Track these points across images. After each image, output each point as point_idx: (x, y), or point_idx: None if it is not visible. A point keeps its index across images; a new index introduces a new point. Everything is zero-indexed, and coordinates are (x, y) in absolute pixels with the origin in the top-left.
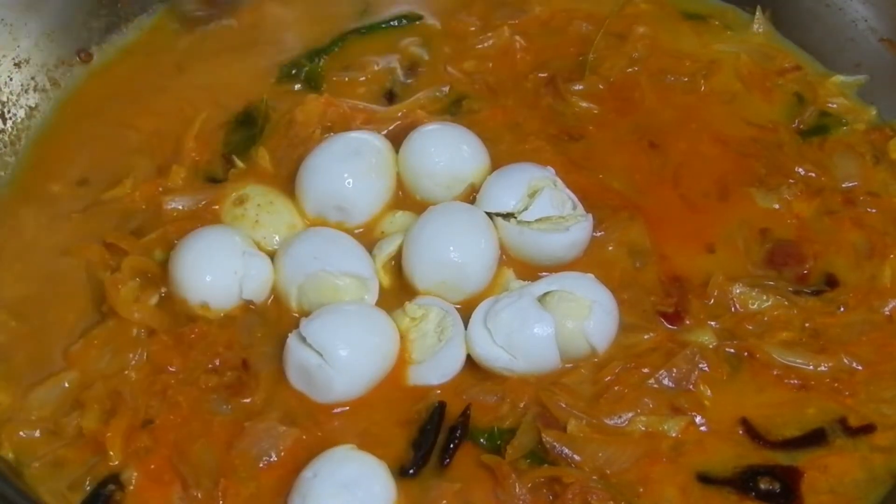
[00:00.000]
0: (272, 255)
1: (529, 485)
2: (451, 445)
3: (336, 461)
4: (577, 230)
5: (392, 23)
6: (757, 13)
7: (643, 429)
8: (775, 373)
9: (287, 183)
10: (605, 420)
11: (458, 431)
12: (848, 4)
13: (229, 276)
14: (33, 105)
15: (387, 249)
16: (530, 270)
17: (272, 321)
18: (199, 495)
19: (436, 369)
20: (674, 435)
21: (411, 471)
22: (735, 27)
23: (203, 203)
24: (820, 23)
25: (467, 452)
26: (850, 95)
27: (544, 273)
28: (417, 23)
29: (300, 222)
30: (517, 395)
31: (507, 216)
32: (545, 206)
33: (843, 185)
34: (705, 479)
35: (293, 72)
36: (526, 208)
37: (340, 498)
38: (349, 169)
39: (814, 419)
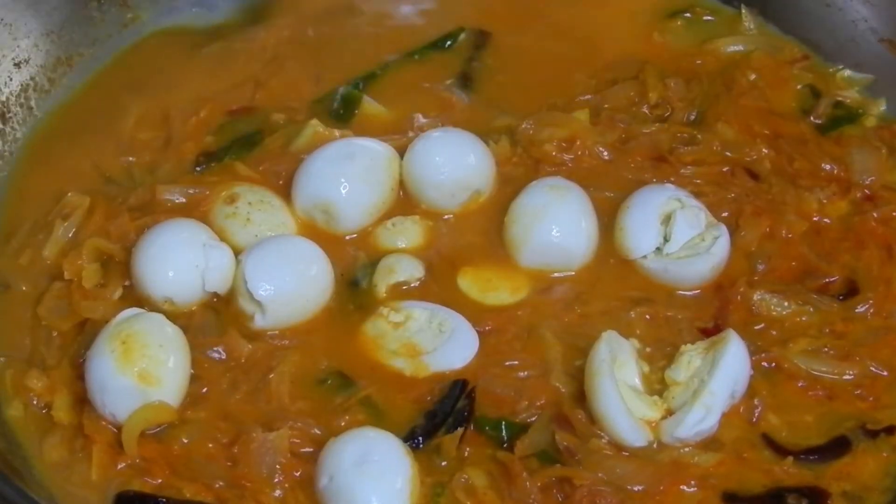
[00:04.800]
0: None
1: (540, 484)
2: (461, 426)
3: (350, 441)
4: (717, 249)
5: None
6: (743, 9)
7: (671, 459)
8: (800, 384)
9: (279, 182)
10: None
11: (465, 413)
12: (848, 4)
13: (191, 269)
14: (33, 105)
15: (398, 275)
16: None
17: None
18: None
19: (453, 352)
20: (705, 467)
21: (421, 437)
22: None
23: (195, 194)
24: (820, 23)
25: (473, 441)
26: (860, 90)
27: None
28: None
29: (292, 222)
30: (535, 394)
31: (656, 252)
32: (684, 229)
33: (863, 181)
34: (731, 497)
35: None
36: (667, 239)
37: (364, 474)
38: (339, 173)
39: (835, 428)
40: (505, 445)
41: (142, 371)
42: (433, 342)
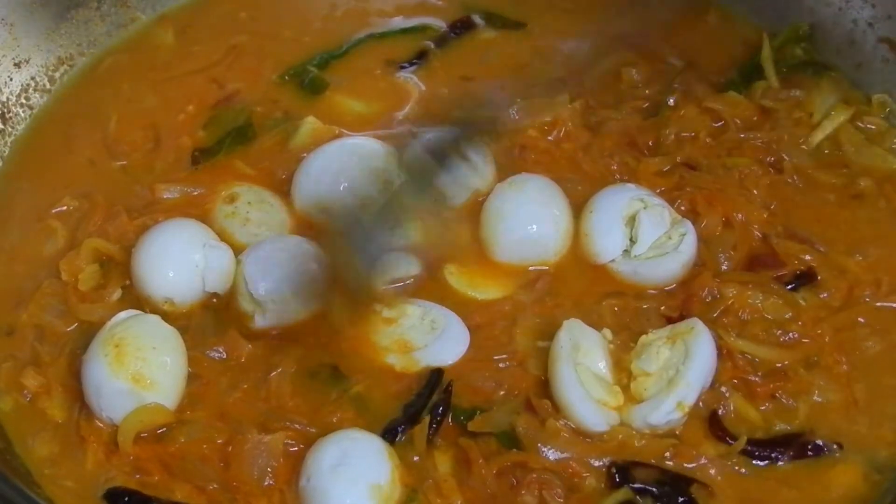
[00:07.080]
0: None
1: (496, 469)
2: (436, 420)
3: (333, 443)
4: (685, 246)
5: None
6: None
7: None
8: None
9: (279, 180)
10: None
11: (441, 408)
12: (848, 4)
13: (191, 269)
14: (33, 105)
15: (394, 272)
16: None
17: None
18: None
19: (445, 348)
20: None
21: (400, 428)
22: None
23: (195, 193)
24: (820, 23)
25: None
26: (886, 115)
27: None
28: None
29: (291, 221)
30: (513, 384)
31: (624, 255)
32: (649, 230)
33: None
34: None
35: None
36: (634, 241)
37: (339, 476)
38: (339, 172)
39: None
40: None
41: (136, 374)
42: (424, 339)
